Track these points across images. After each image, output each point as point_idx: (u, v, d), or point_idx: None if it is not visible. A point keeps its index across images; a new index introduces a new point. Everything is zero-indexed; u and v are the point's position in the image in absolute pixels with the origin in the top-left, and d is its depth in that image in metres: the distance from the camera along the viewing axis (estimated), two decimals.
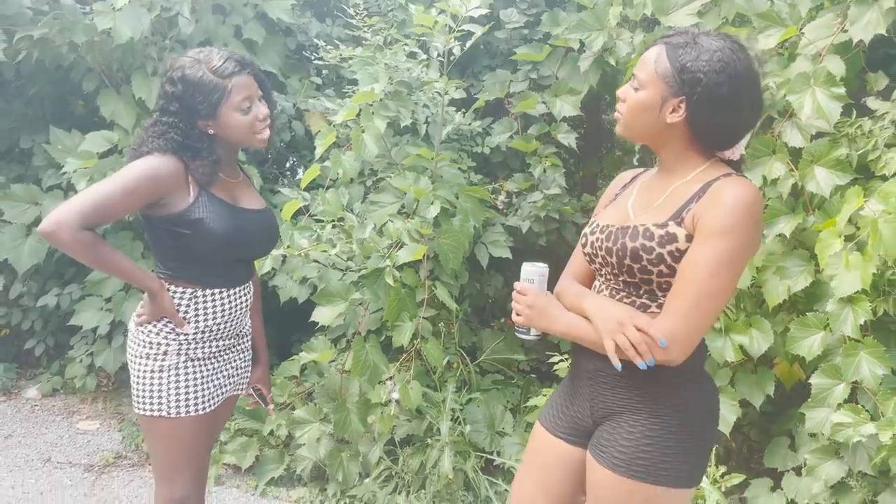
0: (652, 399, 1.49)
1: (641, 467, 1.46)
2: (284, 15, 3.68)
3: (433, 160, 3.07)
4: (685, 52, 1.42)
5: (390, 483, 3.00)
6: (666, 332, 1.38)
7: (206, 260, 1.82)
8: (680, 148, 1.51)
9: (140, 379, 1.82)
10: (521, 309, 1.56)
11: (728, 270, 1.39)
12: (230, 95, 1.74)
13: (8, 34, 3.17)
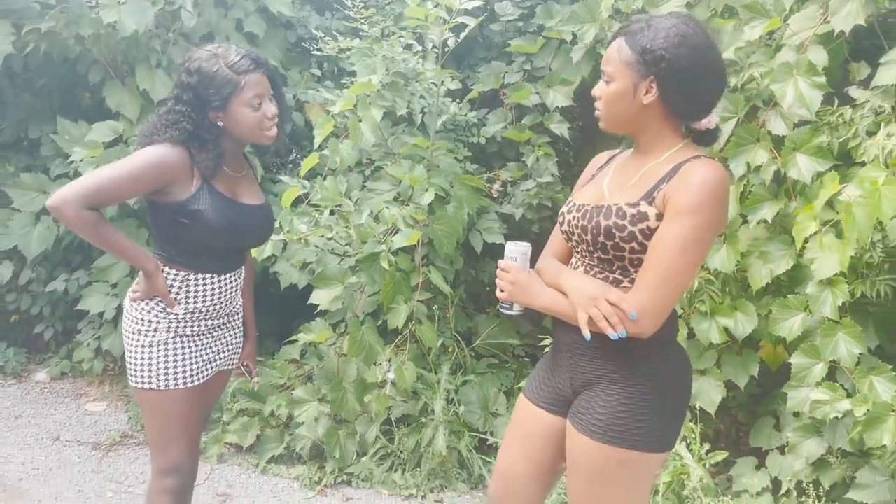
0: (626, 369, 1.57)
1: (616, 433, 1.55)
2: (285, 8, 3.77)
3: (428, 149, 3.16)
4: (643, 36, 1.51)
5: (387, 461, 3.10)
6: (636, 306, 1.47)
7: (201, 248, 1.90)
8: (657, 128, 1.58)
9: (132, 353, 1.91)
10: (504, 285, 1.64)
11: (694, 248, 1.47)
12: (242, 91, 1.81)
13: (16, 27, 3.27)
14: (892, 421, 2.35)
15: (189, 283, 1.91)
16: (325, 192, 2.91)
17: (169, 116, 1.84)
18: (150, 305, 1.90)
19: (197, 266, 1.91)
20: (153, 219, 1.91)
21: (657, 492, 2.75)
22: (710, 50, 1.52)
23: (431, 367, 3.14)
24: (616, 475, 1.57)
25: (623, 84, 1.54)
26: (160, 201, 1.85)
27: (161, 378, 1.91)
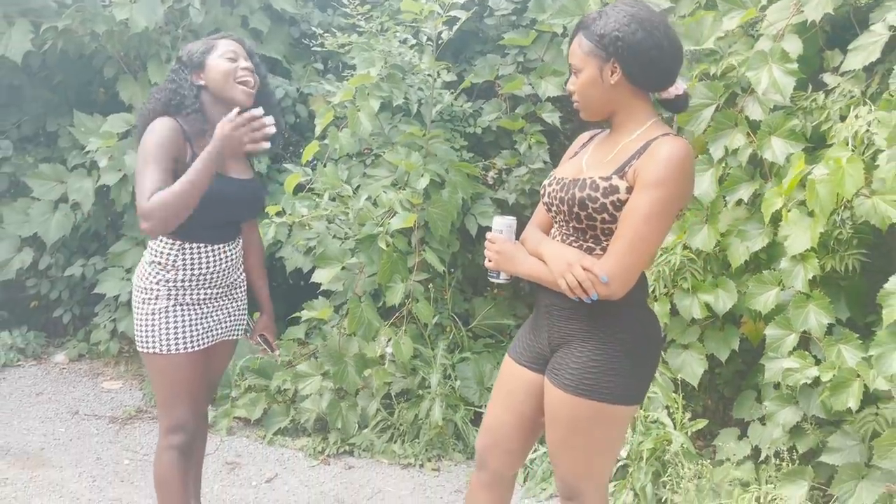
0: (598, 329, 1.70)
1: (588, 387, 1.69)
2: (288, 5, 3.95)
3: (424, 137, 3.33)
4: (596, 25, 1.67)
5: (387, 433, 3.28)
6: (608, 271, 1.60)
7: (192, 218, 1.96)
8: (628, 105, 1.71)
9: (138, 320, 2.07)
10: (490, 255, 1.80)
11: (658, 218, 1.60)
12: (217, 48, 2.06)
13: (35, 26, 3.47)
14: (856, 385, 2.50)
15: (184, 250, 2.05)
16: (325, 179, 3.09)
17: (156, 91, 2.07)
18: (152, 275, 2.05)
19: (190, 236, 2.04)
20: None
21: (641, 457, 2.91)
22: (660, 24, 1.66)
23: (428, 343, 3.31)
24: (589, 426, 1.72)
25: (590, 72, 1.68)
26: None
27: (163, 343, 2.05)
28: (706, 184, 2.99)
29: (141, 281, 2.08)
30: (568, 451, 1.77)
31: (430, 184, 3.20)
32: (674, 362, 3.07)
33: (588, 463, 1.77)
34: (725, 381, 3.38)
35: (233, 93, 2.04)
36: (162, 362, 2.07)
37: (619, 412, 1.72)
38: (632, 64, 1.66)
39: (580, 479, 1.79)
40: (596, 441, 1.75)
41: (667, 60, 1.69)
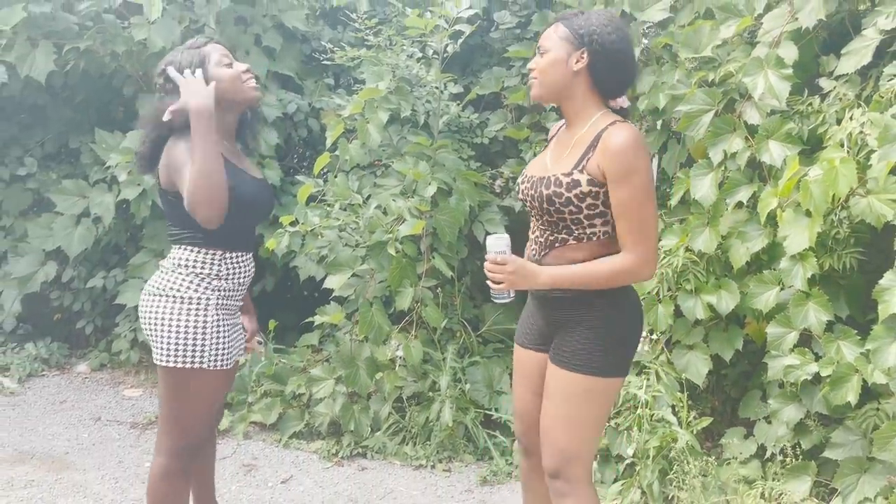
0: (589, 314, 1.89)
1: (580, 362, 1.87)
2: (300, 24, 4.08)
3: (431, 147, 3.43)
4: (578, 19, 1.86)
5: (399, 435, 3.36)
6: (639, 260, 1.79)
7: (231, 225, 1.93)
8: (582, 97, 1.88)
9: (177, 333, 1.93)
10: (503, 277, 1.84)
11: (648, 198, 1.79)
12: (209, 57, 1.98)
13: (58, 47, 3.62)
14: (855, 380, 2.56)
15: (226, 260, 2.01)
16: (336, 189, 3.20)
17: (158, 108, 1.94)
18: (199, 284, 1.97)
19: (231, 244, 2.01)
20: (179, 205, 1.94)
21: (648, 456, 2.96)
22: (630, 42, 1.89)
23: (438, 347, 3.40)
24: (581, 398, 1.89)
25: (558, 53, 1.84)
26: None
27: (209, 357, 1.96)
28: (706, 187, 3.07)
29: (182, 291, 1.97)
30: (561, 423, 1.91)
31: (438, 192, 3.30)
32: (679, 363, 3.14)
33: (579, 436, 1.91)
34: (732, 383, 3.43)
35: (246, 94, 2.03)
36: (202, 378, 1.98)
37: (607, 384, 1.91)
38: (599, 59, 1.83)
39: (570, 456, 1.91)
40: (586, 412, 1.90)
41: (628, 70, 1.90)
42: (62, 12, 3.57)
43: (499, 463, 3.20)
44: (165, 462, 2.02)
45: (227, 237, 2.01)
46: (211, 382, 2.01)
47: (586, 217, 1.84)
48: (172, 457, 2.01)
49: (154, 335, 1.98)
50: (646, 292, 3.18)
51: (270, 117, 3.93)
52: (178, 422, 2.01)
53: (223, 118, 2.02)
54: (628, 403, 3.09)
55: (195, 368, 1.97)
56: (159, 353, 1.97)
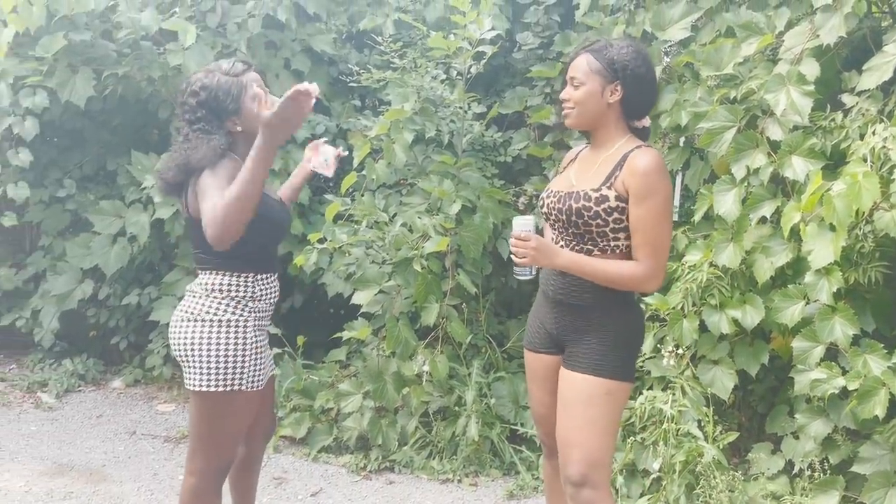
0: (600, 321, 2.01)
1: (598, 366, 1.98)
2: (327, 47, 4.19)
3: (455, 166, 3.50)
4: (608, 52, 1.99)
5: (426, 449, 3.40)
6: (648, 272, 1.93)
7: (259, 247, 1.99)
8: (613, 124, 2.03)
9: (216, 358, 1.94)
10: (525, 252, 1.94)
11: (665, 217, 1.94)
12: (247, 88, 1.97)
13: (97, 73, 3.77)
14: (883, 393, 2.56)
15: (258, 281, 2.03)
16: (363, 207, 3.27)
17: (191, 142, 1.93)
18: (237, 307, 1.97)
19: (260, 266, 2.03)
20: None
21: (674, 470, 2.97)
22: (654, 69, 2.06)
23: (463, 361, 3.44)
24: (600, 401, 1.97)
25: (593, 86, 1.99)
26: None
27: (247, 379, 1.98)
28: (730, 203, 3.09)
29: (220, 315, 1.97)
30: (586, 429, 1.99)
31: (462, 209, 3.37)
32: (704, 377, 3.14)
33: (604, 441, 1.99)
34: (759, 398, 3.42)
35: None
36: (239, 400, 1.99)
37: (623, 388, 2.03)
38: (632, 91, 1.99)
39: (597, 461, 1.98)
40: (608, 416, 1.99)
41: (652, 97, 2.08)
42: (101, 40, 3.72)
43: (525, 478, 3.22)
44: (197, 482, 2.04)
45: (258, 259, 2.04)
46: (247, 403, 2.03)
47: (612, 230, 1.97)
48: (205, 477, 2.03)
49: (190, 360, 1.97)
50: (670, 307, 3.21)
51: (299, 138, 4.03)
52: (212, 443, 2.02)
53: (248, 145, 1.98)
54: (654, 418, 3.10)
55: (234, 391, 1.98)
56: (196, 379, 1.97)
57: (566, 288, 2.05)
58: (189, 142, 1.94)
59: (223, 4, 3.83)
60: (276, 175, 4.04)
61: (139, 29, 3.64)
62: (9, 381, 4.36)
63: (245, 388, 2.01)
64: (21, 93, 3.78)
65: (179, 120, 2.00)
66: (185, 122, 1.98)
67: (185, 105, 1.98)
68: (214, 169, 1.89)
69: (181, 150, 1.96)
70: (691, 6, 3.47)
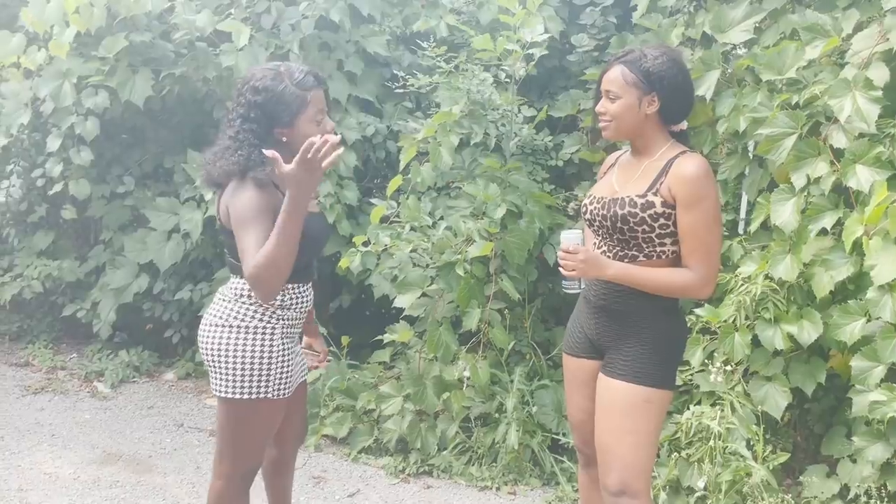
0: (641, 328, 2.01)
1: (639, 373, 1.98)
2: (381, 49, 4.19)
3: (502, 170, 3.46)
4: (643, 62, 1.96)
5: (465, 455, 3.37)
6: (700, 279, 1.93)
7: (297, 259, 1.88)
8: (652, 132, 2.02)
9: (242, 365, 1.93)
10: (574, 265, 1.94)
11: (715, 223, 1.94)
12: (308, 107, 1.91)
13: (155, 73, 3.87)
14: None
15: (289, 290, 2.02)
16: (407, 210, 3.26)
17: (238, 138, 1.90)
18: (265, 313, 1.96)
19: (293, 277, 1.97)
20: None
21: (720, 489, 2.86)
22: (689, 74, 2.04)
23: (505, 368, 3.39)
24: (642, 410, 1.97)
25: (629, 99, 1.97)
26: None
27: (274, 387, 1.97)
28: (788, 213, 2.97)
29: (248, 321, 1.96)
30: (626, 437, 1.98)
31: (508, 214, 3.32)
32: (756, 394, 3.02)
33: (643, 449, 1.98)
34: (816, 418, 3.28)
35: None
36: (265, 407, 1.99)
37: (663, 396, 2.01)
38: (669, 100, 1.98)
39: (637, 470, 1.97)
40: (648, 424, 1.98)
41: (691, 101, 2.05)
42: (160, 40, 3.82)
43: (565, 489, 3.15)
44: (224, 486, 2.05)
45: (293, 272, 1.96)
46: (273, 411, 2.03)
47: (657, 236, 1.96)
48: (231, 481, 2.05)
49: (217, 366, 1.97)
50: (722, 320, 3.09)
51: (350, 140, 4.06)
52: (238, 449, 2.02)
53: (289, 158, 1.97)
54: (701, 434, 3.00)
55: (259, 399, 1.97)
56: (223, 385, 1.96)
57: (609, 293, 2.04)
58: (237, 142, 1.91)
59: (277, 6, 3.88)
60: (327, 175, 4.08)
61: (194, 30, 3.72)
62: (69, 370, 4.53)
63: (271, 396, 2.00)
64: (83, 93, 3.90)
65: (233, 108, 1.95)
66: (238, 115, 1.93)
67: (241, 97, 1.93)
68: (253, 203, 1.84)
69: (227, 147, 1.93)
70: (755, 7, 3.34)
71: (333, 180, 4.08)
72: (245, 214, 1.83)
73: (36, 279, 4.64)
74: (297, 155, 1.70)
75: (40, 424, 3.70)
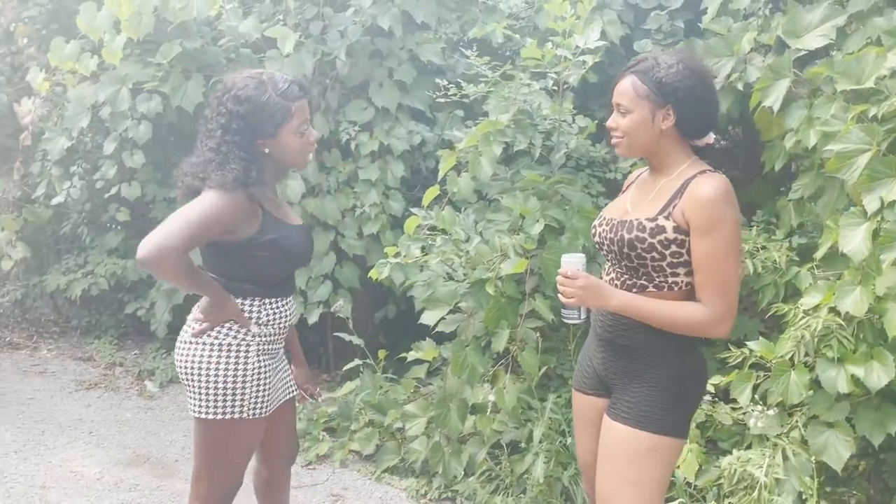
0: (651, 367, 1.80)
1: (646, 419, 1.77)
2: (434, 57, 4.09)
3: (546, 182, 3.26)
4: (655, 72, 1.75)
5: (492, 483, 3.18)
6: (714, 316, 1.71)
7: (271, 275, 1.93)
8: (669, 148, 1.82)
9: (216, 384, 1.87)
10: (573, 291, 1.78)
11: (733, 251, 1.71)
12: (292, 118, 1.86)
13: (206, 79, 3.91)
14: None
15: (265, 306, 1.95)
16: (440, 222, 3.12)
17: (219, 153, 1.84)
18: (240, 331, 1.91)
19: (271, 292, 1.95)
20: (220, 258, 1.92)
21: None
22: (711, 79, 1.81)
23: (534, 394, 3.18)
24: (646, 458, 1.77)
25: (642, 113, 1.77)
26: (229, 241, 1.86)
27: (250, 407, 1.90)
28: (858, 240, 2.64)
29: (221, 338, 1.90)
30: (625, 489, 1.78)
31: (548, 229, 3.12)
32: (814, 442, 2.70)
33: (642, 503, 1.77)
34: (893, 469, 2.90)
35: (300, 163, 1.98)
36: (240, 428, 1.92)
37: (673, 445, 1.80)
38: (686, 113, 1.77)
39: None
40: (653, 474, 1.78)
41: (714, 113, 1.83)
42: (212, 46, 3.85)
43: None
44: None
45: (267, 286, 1.96)
46: (250, 431, 1.96)
47: (669, 265, 1.76)
48: (207, 502, 1.99)
49: (191, 385, 1.91)
50: (778, 356, 2.78)
51: (398, 150, 3.97)
52: (215, 469, 1.97)
53: (274, 175, 1.98)
54: (746, 482, 2.70)
55: (234, 419, 1.90)
56: (197, 405, 1.91)
57: (614, 325, 1.84)
58: (220, 154, 1.85)
59: (326, 12, 3.84)
60: (373, 185, 4.00)
61: (238, 36, 3.72)
62: (126, 367, 4.65)
63: (246, 416, 1.92)
64: (138, 98, 3.99)
65: (212, 119, 1.89)
66: (218, 125, 1.87)
67: (222, 107, 1.87)
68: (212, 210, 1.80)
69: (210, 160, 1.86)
70: (834, 9, 3.02)
71: (380, 190, 4.00)
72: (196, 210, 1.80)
73: (103, 276, 4.81)
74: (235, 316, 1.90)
75: (82, 421, 3.79)
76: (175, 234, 1.75)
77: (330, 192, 4.02)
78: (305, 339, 4.31)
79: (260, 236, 1.89)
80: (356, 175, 4.01)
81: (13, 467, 3.23)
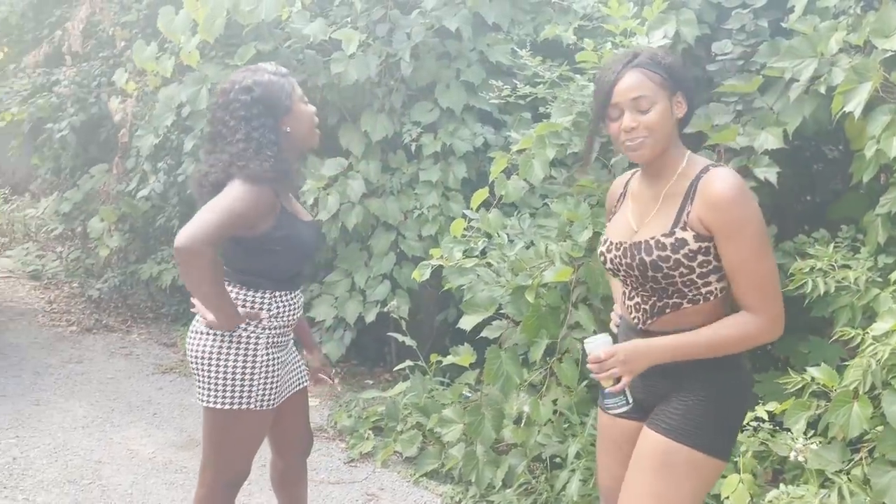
0: (700, 383, 1.69)
1: (686, 433, 1.66)
2: (503, 58, 4.03)
3: (600, 188, 3.13)
4: (662, 59, 1.67)
5: (529, 497, 3.08)
6: (764, 323, 1.61)
7: (284, 270, 1.99)
8: (675, 144, 1.71)
9: (225, 375, 1.92)
10: (618, 371, 1.64)
11: (764, 249, 1.60)
12: (294, 88, 1.96)
13: None
14: None
15: (276, 298, 1.99)
16: (486, 225, 3.06)
17: (252, 137, 1.87)
18: (249, 322, 1.94)
19: (282, 285, 2.00)
20: (238, 252, 1.96)
21: None
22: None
23: (574, 408, 3.05)
24: (680, 474, 1.66)
25: (664, 104, 1.65)
26: (247, 235, 1.90)
27: (257, 398, 1.94)
28: None
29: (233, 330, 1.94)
30: (647, 500, 1.66)
31: (597, 238, 2.98)
32: (877, 481, 2.44)
33: None
34: None
35: (313, 140, 2.04)
36: (249, 418, 1.96)
37: (711, 465, 1.69)
38: (692, 98, 1.71)
39: None
40: (679, 491, 1.66)
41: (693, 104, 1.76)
42: (283, 48, 3.97)
43: None
44: (206, 494, 2.05)
45: (277, 279, 2.00)
46: (257, 421, 2.00)
47: (700, 276, 1.65)
48: (214, 490, 2.04)
49: (200, 374, 1.97)
50: (841, 385, 2.54)
51: (460, 151, 3.94)
52: (222, 458, 2.02)
53: (292, 150, 2.01)
54: None
55: (242, 409, 1.95)
56: (206, 394, 1.96)
57: None
58: (252, 141, 1.87)
59: (393, 14, 3.86)
60: (434, 186, 3.99)
61: (303, 38, 3.81)
62: None
63: (254, 407, 1.96)
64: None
65: (228, 119, 1.91)
66: (240, 119, 1.89)
67: (235, 102, 1.90)
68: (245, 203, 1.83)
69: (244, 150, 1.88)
70: None
71: (439, 191, 3.98)
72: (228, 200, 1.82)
73: None
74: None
75: (150, 402, 3.99)
76: (212, 224, 1.79)
77: (393, 192, 4.04)
78: (364, 338, 4.37)
79: (274, 231, 1.93)
80: (418, 177, 4.01)
81: (77, 441, 3.45)
